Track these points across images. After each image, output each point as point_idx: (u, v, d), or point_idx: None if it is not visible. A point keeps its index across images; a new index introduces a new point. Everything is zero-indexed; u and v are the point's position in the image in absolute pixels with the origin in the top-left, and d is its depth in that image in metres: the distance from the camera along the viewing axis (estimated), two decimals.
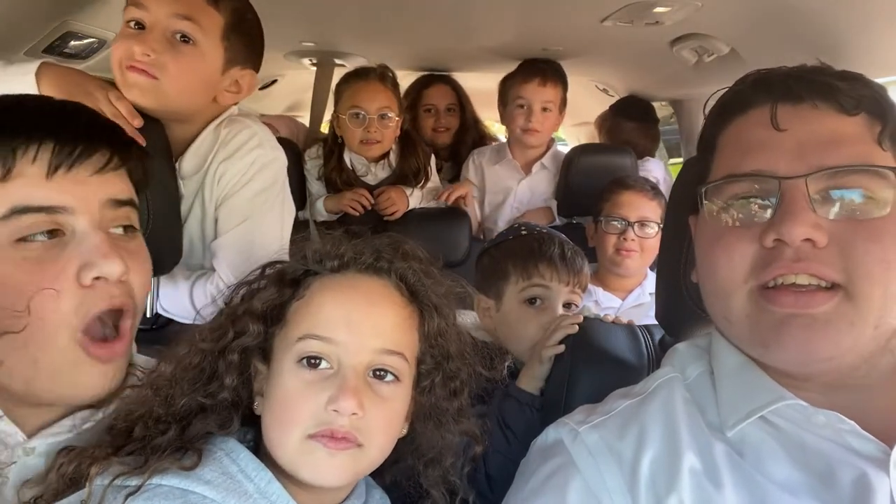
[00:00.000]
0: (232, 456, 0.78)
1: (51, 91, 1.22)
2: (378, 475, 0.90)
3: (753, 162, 0.76)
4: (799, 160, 0.73)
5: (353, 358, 0.79)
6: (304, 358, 0.79)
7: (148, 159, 0.92)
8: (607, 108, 3.06)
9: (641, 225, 2.09)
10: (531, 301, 1.38)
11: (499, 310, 1.42)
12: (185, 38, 1.29)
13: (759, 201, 0.75)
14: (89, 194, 0.81)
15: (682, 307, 1.02)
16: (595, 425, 0.83)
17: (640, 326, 1.26)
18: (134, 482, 0.72)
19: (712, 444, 0.76)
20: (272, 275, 0.86)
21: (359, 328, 0.79)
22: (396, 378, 0.82)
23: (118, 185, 0.85)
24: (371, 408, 0.78)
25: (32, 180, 0.78)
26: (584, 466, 0.78)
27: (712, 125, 0.85)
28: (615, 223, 2.11)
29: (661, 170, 2.94)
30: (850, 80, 0.77)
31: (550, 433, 0.87)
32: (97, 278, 0.80)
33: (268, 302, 0.83)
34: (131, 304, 0.86)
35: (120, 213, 0.85)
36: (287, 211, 1.50)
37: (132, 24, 1.29)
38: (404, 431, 0.88)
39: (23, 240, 0.77)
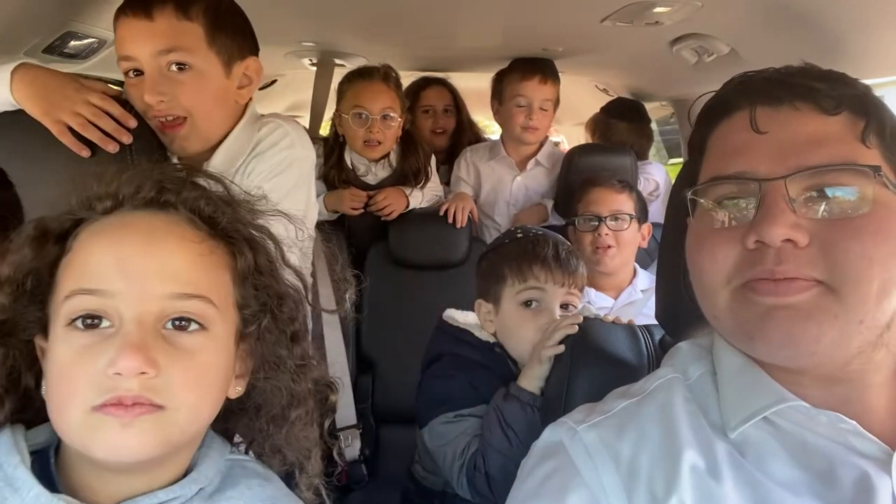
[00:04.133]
0: None
1: (23, 94, 1.17)
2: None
3: (736, 164, 0.77)
4: (779, 162, 0.73)
5: (136, 308, 0.65)
6: (76, 318, 0.65)
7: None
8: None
9: (614, 218, 2.09)
10: (527, 303, 1.38)
11: (498, 313, 1.42)
12: (181, 66, 1.28)
13: (742, 203, 0.76)
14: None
15: (682, 307, 1.02)
16: (593, 424, 0.83)
17: (640, 326, 1.26)
18: None
19: (714, 442, 0.76)
20: (28, 233, 0.71)
21: (138, 273, 0.66)
22: (202, 326, 0.69)
23: None
24: (170, 365, 0.65)
25: None
26: (582, 466, 0.78)
27: (700, 129, 0.86)
28: (588, 221, 2.12)
29: (661, 173, 2.94)
30: (830, 80, 0.77)
31: (549, 433, 0.87)
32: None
33: (20, 266, 0.69)
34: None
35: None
36: (311, 208, 1.50)
37: (131, 73, 1.29)
38: (240, 390, 0.77)
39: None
